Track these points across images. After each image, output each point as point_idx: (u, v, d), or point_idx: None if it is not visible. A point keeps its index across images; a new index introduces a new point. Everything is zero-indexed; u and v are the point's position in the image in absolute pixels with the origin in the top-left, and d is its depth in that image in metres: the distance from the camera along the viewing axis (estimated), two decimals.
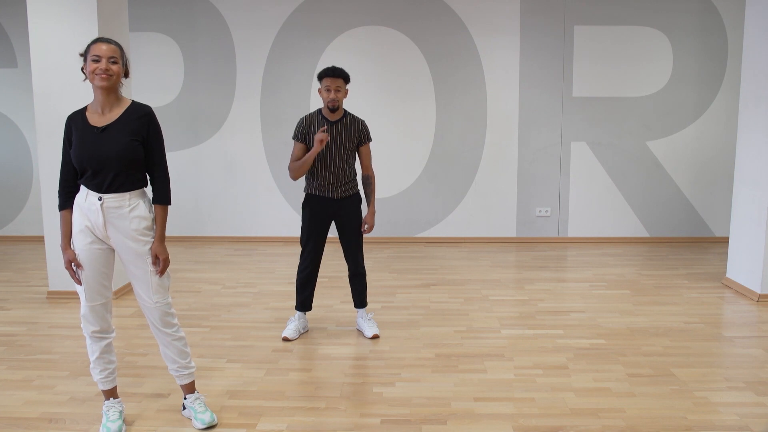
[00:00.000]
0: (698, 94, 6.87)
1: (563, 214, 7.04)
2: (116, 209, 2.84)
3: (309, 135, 4.02)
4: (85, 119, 2.84)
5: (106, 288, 2.93)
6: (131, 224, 2.86)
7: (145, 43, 6.91)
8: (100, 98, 2.83)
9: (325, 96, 3.99)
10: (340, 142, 4.04)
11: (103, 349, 2.96)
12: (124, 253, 2.90)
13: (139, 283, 2.93)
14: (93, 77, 2.77)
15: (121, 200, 2.84)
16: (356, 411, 3.19)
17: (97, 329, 2.93)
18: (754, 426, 3.02)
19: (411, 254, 6.57)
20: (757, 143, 4.93)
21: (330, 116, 4.04)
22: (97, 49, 2.78)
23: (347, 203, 4.14)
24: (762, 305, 4.82)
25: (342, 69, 4.00)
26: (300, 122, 4.06)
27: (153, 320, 2.98)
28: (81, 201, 2.86)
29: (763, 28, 4.81)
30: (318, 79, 4.03)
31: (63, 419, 3.13)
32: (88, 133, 2.81)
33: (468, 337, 4.21)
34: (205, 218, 7.22)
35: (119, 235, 2.86)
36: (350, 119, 4.09)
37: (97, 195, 2.82)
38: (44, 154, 4.99)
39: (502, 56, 6.85)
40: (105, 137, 2.81)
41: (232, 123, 7.06)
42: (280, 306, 4.87)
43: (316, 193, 4.09)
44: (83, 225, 2.85)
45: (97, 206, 2.82)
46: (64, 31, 4.85)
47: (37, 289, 5.38)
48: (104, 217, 2.83)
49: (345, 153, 4.07)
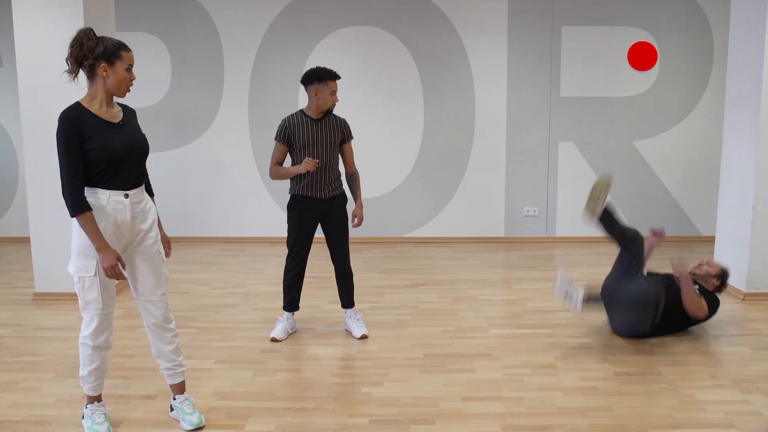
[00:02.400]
0: (684, 95, 6.92)
1: (551, 214, 7.07)
2: (138, 204, 2.88)
3: (293, 136, 4.01)
4: (95, 116, 2.77)
5: (113, 294, 2.92)
6: (149, 218, 2.92)
7: (132, 42, 6.87)
8: (103, 97, 2.80)
9: (331, 100, 3.97)
10: (325, 141, 4.04)
11: (102, 359, 2.93)
12: (138, 250, 2.90)
13: (148, 278, 2.92)
14: (121, 86, 2.79)
15: (141, 194, 2.91)
16: (345, 411, 3.19)
17: (105, 337, 2.89)
18: (740, 423, 3.04)
19: (399, 254, 6.57)
20: (742, 143, 4.97)
21: (313, 115, 4.03)
22: (130, 59, 2.80)
23: (334, 204, 4.14)
24: (747, 303, 4.86)
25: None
26: (283, 124, 4.04)
27: (157, 317, 2.96)
28: (101, 204, 2.76)
29: (747, 29, 4.85)
30: (318, 79, 3.94)
31: (49, 422, 3.10)
32: (108, 128, 2.78)
33: (456, 337, 4.21)
34: (193, 219, 7.19)
35: (141, 231, 2.88)
36: (332, 117, 4.10)
37: (122, 193, 2.81)
38: (30, 154, 4.95)
39: (490, 57, 6.87)
40: (125, 132, 2.83)
41: (219, 123, 7.04)
42: (269, 306, 4.86)
43: (303, 194, 4.08)
44: (107, 231, 2.77)
45: (125, 204, 2.81)
46: (50, 30, 4.82)
47: (23, 291, 5.34)
48: (132, 214, 2.84)
49: (330, 151, 4.08)
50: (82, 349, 2.90)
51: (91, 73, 2.78)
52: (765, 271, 4.91)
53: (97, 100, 2.80)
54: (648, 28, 6.78)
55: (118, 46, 2.78)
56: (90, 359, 2.90)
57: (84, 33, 2.76)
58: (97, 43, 2.75)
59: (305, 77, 3.99)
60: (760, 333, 4.25)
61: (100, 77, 2.76)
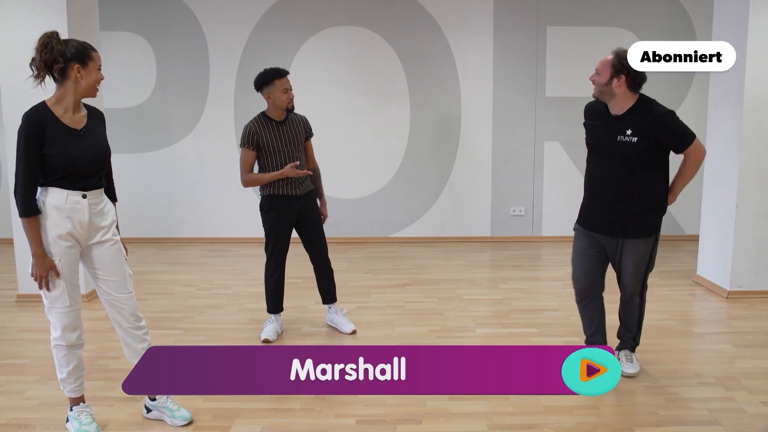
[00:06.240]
0: (668, 95, 6.95)
1: (537, 214, 7.10)
2: (96, 205, 2.88)
3: (261, 140, 3.99)
4: (59, 121, 2.77)
5: (79, 291, 2.90)
6: (107, 218, 2.92)
7: (116, 42, 6.82)
8: (72, 100, 2.80)
9: (285, 97, 3.95)
10: (292, 141, 4.05)
11: (78, 358, 2.92)
12: (99, 250, 2.89)
13: (113, 278, 2.92)
14: (93, 87, 2.80)
15: (99, 196, 2.91)
16: (331, 412, 3.19)
17: (77, 334, 2.88)
18: (724, 420, 3.07)
19: (386, 254, 6.57)
20: (725, 143, 5.01)
21: (276, 117, 4.02)
22: (99, 59, 2.82)
23: (309, 200, 4.17)
24: (731, 302, 4.90)
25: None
26: (248, 129, 4.00)
27: (126, 316, 2.96)
28: (59, 203, 2.77)
29: (730, 31, 4.89)
30: (265, 83, 3.93)
31: (33, 425, 3.08)
32: (70, 135, 2.78)
33: (443, 337, 4.22)
34: (178, 219, 7.14)
35: (98, 231, 2.88)
36: (294, 117, 4.10)
37: (80, 193, 2.81)
38: (13, 155, 4.88)
39: (476, 57, 6.88)
40: (89, 138, 2.84)
41: (205, 124, 7.00)
42: (255, 307, 4.84)
43: (279, 194, 4.07)
44: (64, 229, 2.78)
45: (83, 204, 2.81)
46: (33, 29, 4.66)
47: (6, 293, 5.28)
48: (89, 214, 2.83)
49: (298, 150, 4.10)
50: (56, 351, 2.88)
51: (62, 76, 2.76)
52: (748, 269, 4.95)
53: (64, 104, 2.79)
54: (632, 28, 6.81)
55: (87, 47, 2.80)
56: (66, 360, 2.88)
57: (50, 36, 2.74)
58: (66, 45, 2.74)
59: (255, 85, 4.00)
60: (744, 331, 4.28)
61: (71, 80, 2.75)
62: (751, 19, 4.68)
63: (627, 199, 3.35)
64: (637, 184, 3.34)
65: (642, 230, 3.40)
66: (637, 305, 3.54)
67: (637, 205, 3.35)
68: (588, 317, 3.63)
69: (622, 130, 3.32)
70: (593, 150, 3.52)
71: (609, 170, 3.39)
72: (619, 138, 3.32)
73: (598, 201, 3.47)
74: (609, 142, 3.37)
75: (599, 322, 3.61)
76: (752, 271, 4.96)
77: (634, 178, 3.33)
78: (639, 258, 3.42)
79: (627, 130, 3.31)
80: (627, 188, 3.35)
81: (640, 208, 3.37)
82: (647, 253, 3.44)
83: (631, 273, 3.45)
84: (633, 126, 3.30)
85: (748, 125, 4.80)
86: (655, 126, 3.28)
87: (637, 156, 3.29)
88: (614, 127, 3.36)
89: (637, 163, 3.31)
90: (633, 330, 3.60)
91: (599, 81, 3.40)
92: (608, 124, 3.40)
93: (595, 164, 3.49)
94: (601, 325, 3.61)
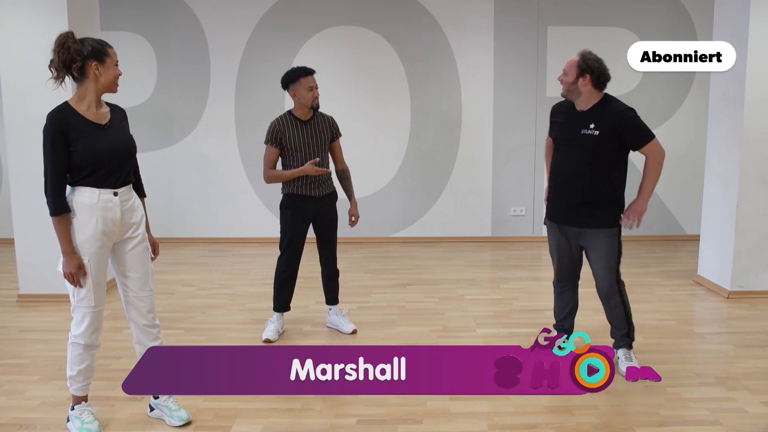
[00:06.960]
0: (669, 95, 6.97)
1: (538, 214, 7.10)
2: (126, 201, 2.91)
3: (284, 138, 4.01)
4: (83, 117, 2.79)
5: (104, 292, 2.93)
6: (137, 214, 2.96)
7: (117, 42, 6.71)
8: (94, 97, 2.83)
9: (310, 95, 3.98)
10: (316, 141, 4.05)
11: (91, 358, 2.94)
12: (127, 247, 2.92)
13: (138, 275, 2.96)
14: (113, 82, 2.84)
15: (129, 192, 2.95)
16: (332, 411, 3.19)
17: (96, 335, 2.90)
18: (725, 420, 3.07)
19: (386, 254, 6.57)
20: (726, 143, 5.01)
21: (302, 116, 4.03)
22: (115, 54, 2.85)
23: (327, 201, 4.16)
24: (732, 302, 4.90)
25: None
26: (273, 126, 4.03)
27: (144, 313, 3.00)
28: (91, 202, 2.79)
29: (731, 30, 4.89)
30: (291, 80, 3.98)
31: (34, 425, 3.08)
32: (96, 130, 2.80)
33: (443, 337, 4.22)
34: (179, 219, 7.15)
35: (130, 228, 2.91)
36: (320, 116, 4.11)
37: (111, 191, 2.83)
38: (14, 155, 4.91)
39: (476, 57, 6.88)
40: (114, 133, 2.87)
41: (206, 124, 7.00)
42: (256, 307, 4.84)
43: (297, 193, 4.07)
44: (98, 229, 2.80)
45: (114, 202, 2.83)
46: (34, 29, 4.78)
47: (6, 293, 5.28)
48: (121, 211, 2.86)
49: (322, 150, 4.09)
50: (72, 349, 2.90)
51: (81, 75, 2.79)
52: (749, 269, 4.95)
53: (86, 101, 2.82)
54: (632, 28, 6.81)
55: (102, 44, 2.84)
56: (80, 358, 2.90)
57: (67, 36, 2.77)
58: (82, 44, 2.76)
59: (282, 82, 4.04)
60: (744, 331, 4.28)
61: (90, 78, 2.78)
62: (751, 19, 4.68)
63: (588, 192, 3.51)
64: (597, 177, 3.50)
65: (602, 221, 3.54)
66: (618, 303, 3.64)
67: (596, 198, 3.51)
68: (562, 302, 3.86)
69: (586, 124, 3.48)
70: (558, 144, 3.68)
71: (572, 163, 3.54)
72: (582, 131, 3.49)
73: (560, 193, 3.63)
74: (573, 136, 3.54)
75: (572, 307, 3.85)
76: (753, 271, 4.96)
77: (595, 171, 3.48)
78: (608, 251, 3.55)
79: (590, 124, 3.47)
80: (587, 181, 3.50)
81: (599, 200, 3.52)
82: (615, 246, 3.57)
83: (604, 267, 3.58)
84: (596, 120, 3.46)
85: (749, 125, 4.79)
86: (615, 121, 3.42)
87: (598, 149, 3.44)
88: (578, 121, 3.53)
89: (599, 157, 3.46)
90: (623, 328, 3.67)
91: (566, 80, 3.55)
92: (573, 119, 3.57)
93: (560, 157, 3.65)
94: (573, 310, 3.86)
